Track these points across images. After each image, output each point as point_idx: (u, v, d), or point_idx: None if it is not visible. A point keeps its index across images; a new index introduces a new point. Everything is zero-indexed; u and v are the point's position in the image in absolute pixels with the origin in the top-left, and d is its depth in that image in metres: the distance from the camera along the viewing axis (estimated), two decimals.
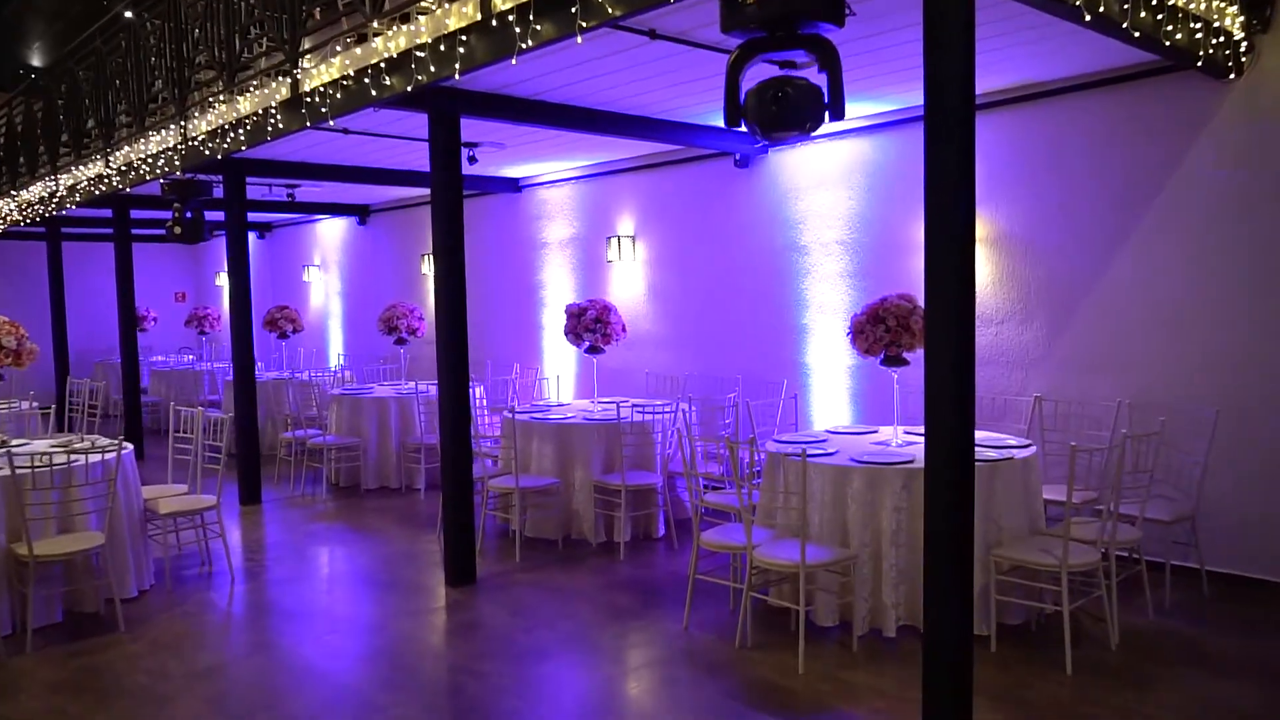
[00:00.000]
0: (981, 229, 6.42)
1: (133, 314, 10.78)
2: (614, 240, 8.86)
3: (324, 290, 13.78)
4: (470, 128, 6.99)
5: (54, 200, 10.48)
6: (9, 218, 12.16)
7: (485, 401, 9.28)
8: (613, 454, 6.65)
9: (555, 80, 5.67)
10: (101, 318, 15.88)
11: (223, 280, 16.40)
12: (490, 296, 10.70)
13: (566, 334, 7.21)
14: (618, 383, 9.11)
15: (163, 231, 15.46)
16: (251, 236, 15.38)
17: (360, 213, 12.59)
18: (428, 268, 11.33)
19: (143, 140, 8.13)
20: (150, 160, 8.05)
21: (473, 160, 7.84)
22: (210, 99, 7.00)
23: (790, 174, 7.58)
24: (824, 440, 5.54)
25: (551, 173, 9.62)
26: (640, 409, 7.02)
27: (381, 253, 12.49)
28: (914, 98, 6.37)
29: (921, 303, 5.38)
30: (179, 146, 7.55)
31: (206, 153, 7.12)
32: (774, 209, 7.70)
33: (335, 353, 13.48)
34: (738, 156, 7.79)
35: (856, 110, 6.78)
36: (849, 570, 4.73)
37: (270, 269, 15.11)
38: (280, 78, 6.13)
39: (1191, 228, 5.55)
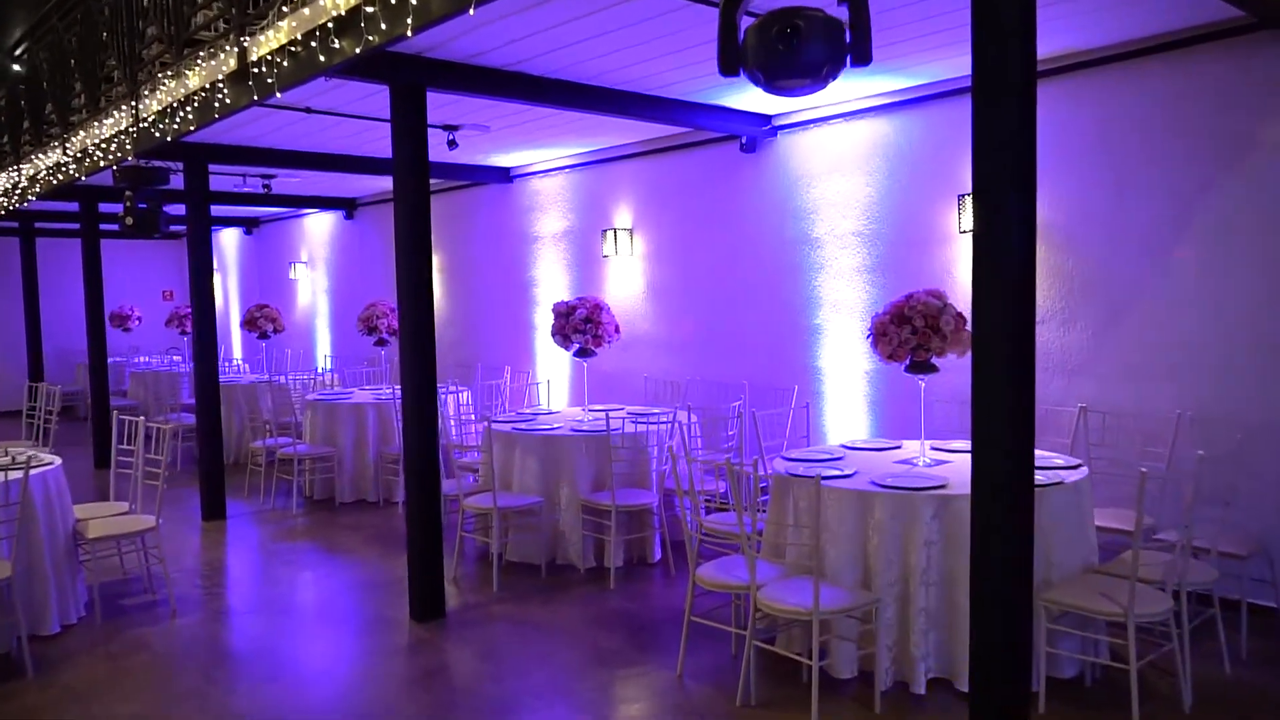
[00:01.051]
0: None
1: (100, 313, 10.13)
2: (610, 233, 8.16)
3: (311, 288, 13.12)
4: (447, 106, 6.32)
5: (16, 193, 9.85)
6: None
7: (473, 409, 8.61)
8: (603, 469, 5.95)
9: (534, 47, 4.98)
10: (73, 316, 15.27)
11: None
12: (480, 294, 10.02)
13: (554, 335, 6.51)
14: (613, 388, 8.41)
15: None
16: (238, 232, 14.78)
17: (347, 206, 11.93)
18: None
19: (96, 124, 7.48)
20: (103, 146, 7.40)
21: (452, 145, 7.15)
22: (160, 75, 6.34)
23: (801, 159, 6.86)
24: (839, 458, 4.83)
25: (544, 161, 8.93)
26: (635, 418, 6.33)
27: (370, 248, 11.82)
28: (942, 69, 5.64)
29: (952, 300, 4.68)
30: (130, 129, 6.89)
31: (157, 135, 6.46)
32: (783, 198, 6.99)
33: (323, 354, 12.82)
34: (744, 140, 7.07)
35: (875, 85, 6.06)
36: (871, 616, 4.01)
37: (257, 266, 14.47)
38: (228, 48, 5.46)
39: (1267, 214, 4.80)
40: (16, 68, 9.69)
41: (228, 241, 15.24)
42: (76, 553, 5.38)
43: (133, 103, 6.74)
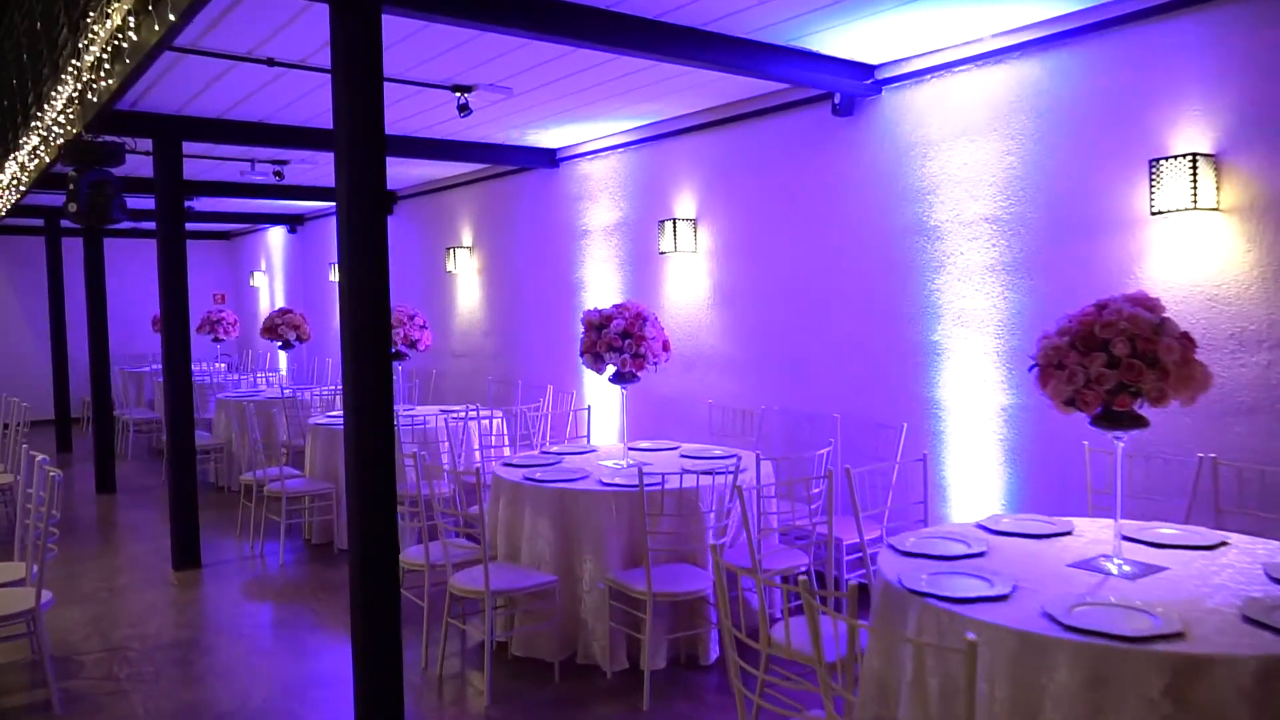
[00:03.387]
0: (1232, 193, 3.91)
1: (102, 315, 9.05)
2: (668, 225, 6.59)
3: None
4: (454, 52, 4.87)
5: (14, 184, 8.82)
6: None
7: (507, 439, 7.11)
8: (640, 538, 4.37)
9: None
10: (131, 320, 14.45)
11: (259, 280, 14.78)
12: (522, 299, 8.56)
13: (582, 355, 4.97)
14: (671, 417, 6.83)
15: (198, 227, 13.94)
16: (282, 231, 13.72)
17: (386, 200, 10.60)
18: (453, 263, 9.26)
19: (54, 94, 6.26)
20: (59, 120, 6.17)
21: (464, 111, 5.69)
22: (90, 19, 5.04)
23: (915, 121, 5.16)
24: (980, 554, 3.13)
25: (593, 139, 7.41)
26: (691, 463, 4.75)
27: (409, 247, 10.50)
28: None
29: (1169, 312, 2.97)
30: (74, 97, 5.63)
31: (90, 97, 5.17)
32: (890, 174, 5.30)
33: None
34: (837, 99, 5.42)
35: (1020, 14, 4.36)
36: None
37: (301, 267, 13.35)
38: None
39: None
40: None
41: (274, 241, 14.20)
42: None
43: (74, 61, 5.47)
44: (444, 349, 9.73)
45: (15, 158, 8.58)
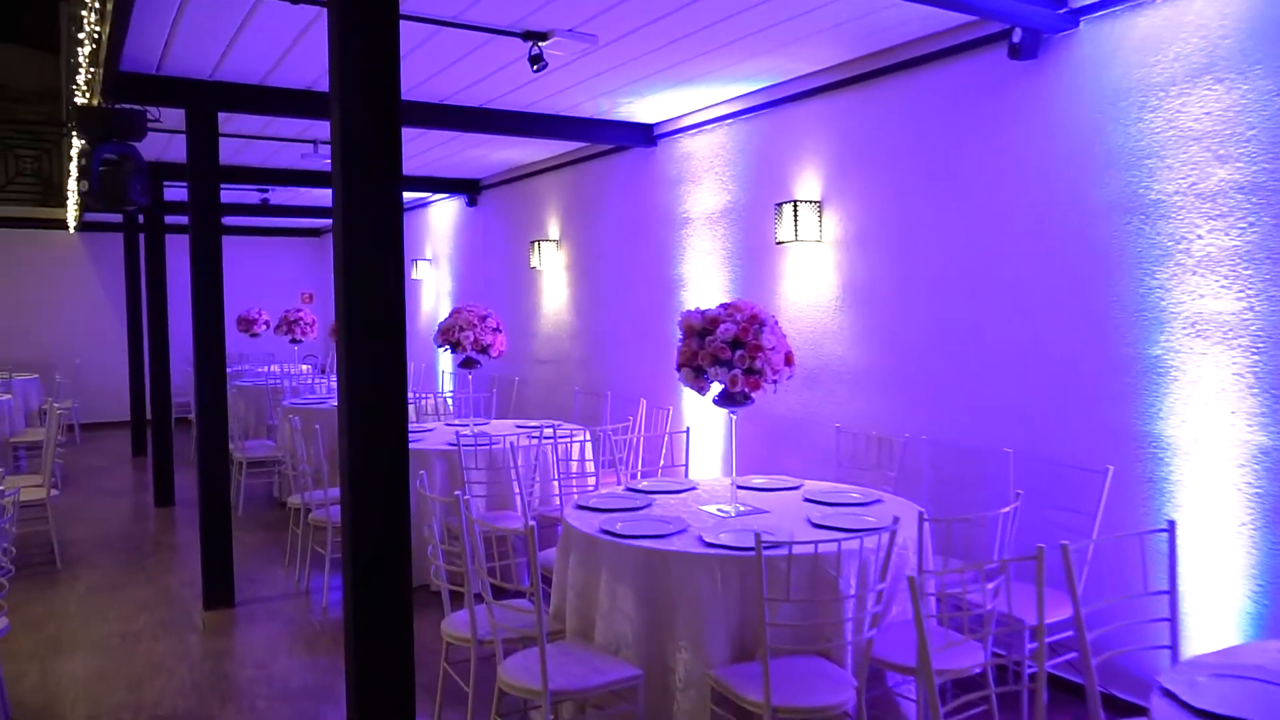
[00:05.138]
0: None
1: (162, 316, 8.37)
2: (787, 209, 5.40)
3: (435, 290, 11.04)
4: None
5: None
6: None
7: (593, 467, 6.03)
8: (754, 620, 3.21)
9: None
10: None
11: None
12: (613, 298, 7.48)
13: (679, 369, 3.83)
14: (788, 443, 5.63)
15: (265, 221, 13.35)
16: None
17: (468, 190, 9.71)
18: (538, 258, 8.25)
19: (77, 58, 5.47)
20: (81, 89, 5.38)
21: (537, 63, 4.60)
22: None
23: (1128, 59, 3.85)
24: None
25: (697, 109, 6.27)
26: (817, 511, 3.58)
27: (493, 242, 9.56)
28: None
29: None
30: (83, 60, 4.80)
31: (90, 46, 4.30)
32: (1089, 132, 4.00)
33: (443, 370, 10.70)
34: (1016, 37, 4.14)
35: None
36: None
37: None
38: None
39: None
40: None
41: None
42: None
43: (82, 12, 4.63)
44: (527, 355, 8.75)
45: (69, 142, 7.98)
